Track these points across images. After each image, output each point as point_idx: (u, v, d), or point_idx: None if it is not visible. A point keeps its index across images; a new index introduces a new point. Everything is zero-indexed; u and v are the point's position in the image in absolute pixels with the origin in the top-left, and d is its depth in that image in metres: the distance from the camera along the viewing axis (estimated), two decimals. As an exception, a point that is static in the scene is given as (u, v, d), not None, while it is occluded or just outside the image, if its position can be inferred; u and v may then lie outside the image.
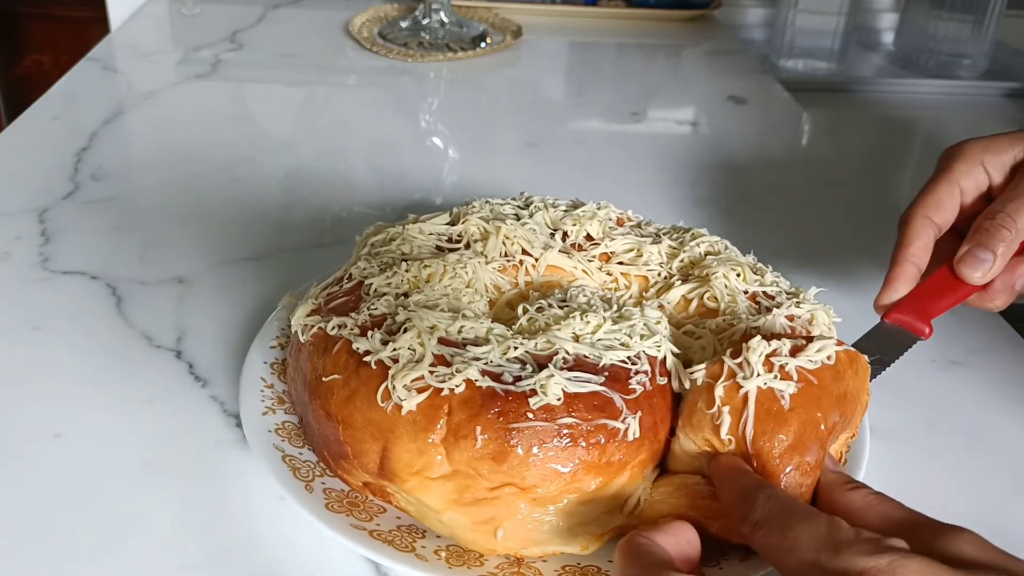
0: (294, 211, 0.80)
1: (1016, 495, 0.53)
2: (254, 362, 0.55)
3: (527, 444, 0.42)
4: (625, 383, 0.44)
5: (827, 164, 0.97)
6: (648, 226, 0.61)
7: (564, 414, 0.42)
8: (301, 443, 0.49)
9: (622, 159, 0.96)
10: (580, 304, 0.50)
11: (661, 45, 1.32)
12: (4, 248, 0.71)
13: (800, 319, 0.51)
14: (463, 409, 0.43)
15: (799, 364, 0.43)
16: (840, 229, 0.83)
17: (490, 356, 0.44)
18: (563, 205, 0.61)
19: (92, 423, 0.54)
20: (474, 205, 0.59)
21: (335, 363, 0.46)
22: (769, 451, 0.42)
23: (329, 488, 0.47)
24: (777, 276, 0.55)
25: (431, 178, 0.89)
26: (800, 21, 1.35)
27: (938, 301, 0.53)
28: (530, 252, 0.56)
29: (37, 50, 1.98)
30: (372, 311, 0.48)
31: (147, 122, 0.96)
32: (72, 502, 0.49)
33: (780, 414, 0.42)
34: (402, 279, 0.51)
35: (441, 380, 0.43)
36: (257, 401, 0.52)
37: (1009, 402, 0.60)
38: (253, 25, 1.24)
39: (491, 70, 1.17)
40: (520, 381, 0.43)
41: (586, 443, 0.43)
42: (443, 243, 0.56)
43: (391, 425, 0.43)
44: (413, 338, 0.45)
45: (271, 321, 0.58)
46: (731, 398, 0.42)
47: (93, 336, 0.62)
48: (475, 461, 0.42)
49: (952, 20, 1.33)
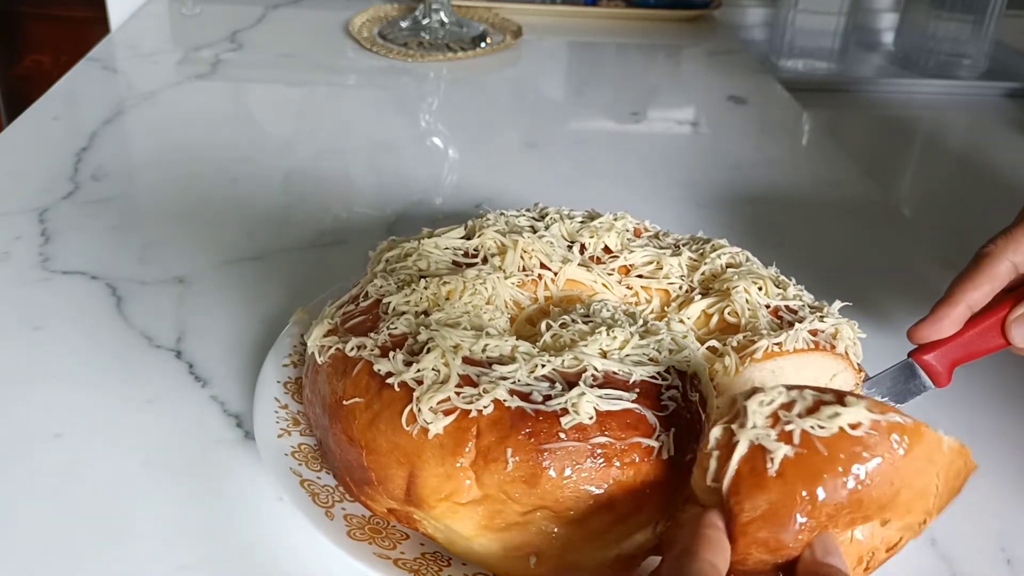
0: (294, 211, 0.80)
1: (1016, 493, 0.53)
2: (267, 382, 0.53)
3: (560, 465, 0.41)
4: (656, 399, 0.43)
5: (827, 164, 0.97)
6: (667, 237, 0.60)
7: (597, 433, 0.41)
8: (319, 466, 0.48)
9: (622, 159, 0.96)
10: (604, 319, 0.49)
11: (661, 45, 1.32)
12: (4, 248, 0.71)
13: (824, 334, 0.50)
14: (492, 431, 0.41)
15: (805, 427, 0.37)
16: (840, 229, 0.83)
17: (517, 375, 0.43)
18: (579, 216, 0.59)
19: (92, 423, 0.54)
20: (488, 218, 0.57)
21: (356, 386, 0.45)
22: (739, 513, 0.37)
23: (350, 514, 0.46)
24: (800, 289, 0.54)
25: (431, 178, 0.89)
26: (800, 21, 1.35)
27: (970, 351, 0.50)
28: (548, 266, 0.54)
29: (37, 50, 1.98)
30: (392, 331, 0.47)
31: (147, 122, 0.96)
32: (72, 502, 0.49)
33: (762, 477, 0.37)
34: (421, 297, 0.49)
35: (468, 401, 0.42)
36: (272, 422, 0.50)
37: (1007, 400, 0.60)
38: (253, 25, 1.24)
39: (491, 70, 1.17)
40: (550, 400, 0.42)
41: (620, 462, 0.41)
42: (459, 258, 0.54)
43: (417, 449, 0.42)
44: (437, 358, 0.43)
45: (283, 337, 0.57)
46: (724, 444, 0.38)
47: (93, 336, 0.62)
48: (506, 484, 0.41)
49: (952, 20, 1.33)
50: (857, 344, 0.51)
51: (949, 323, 0.49)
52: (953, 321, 0.49)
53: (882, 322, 0.66)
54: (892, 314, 0.68)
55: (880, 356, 0.54)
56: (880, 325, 0.65)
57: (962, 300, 0.49)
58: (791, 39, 1.36)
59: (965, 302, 0.49)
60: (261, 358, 0.57)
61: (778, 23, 1.39)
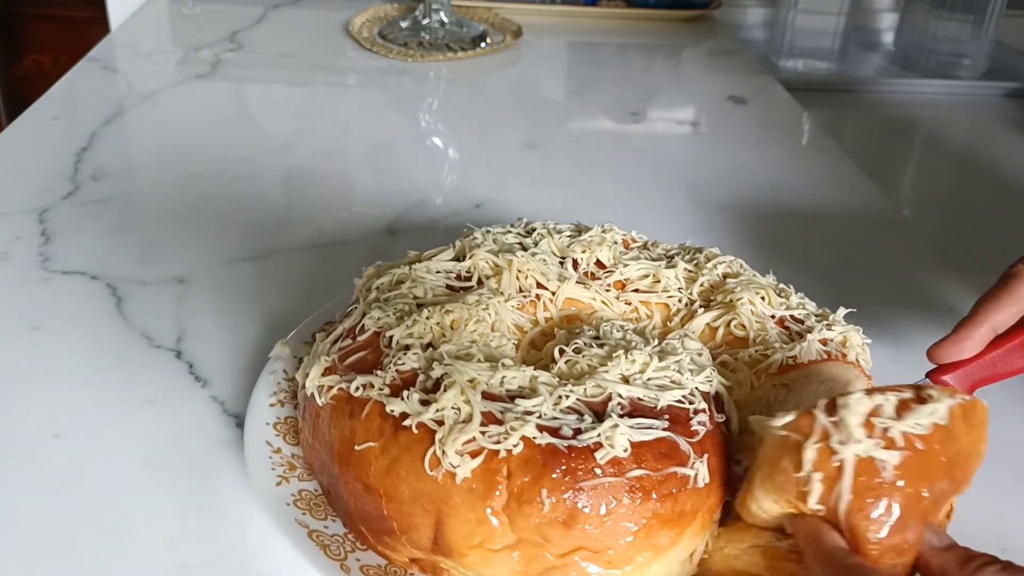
0: (294, 211, 0.80)
1: (1017, 493, 0.53)
2: (255, 428, 0.50)
3: (597, 503, 0.39)
4: (687, 425, 0.42)
5: (827, 164, 0.97)
6: (655, 247, 0.58)
7: (633, 466, 0.40)
8: (323, 514, 0.46)
9: (622, 159, 0.96)
10: (618, 341, 0.47)
11: (661, 45, 1.32)
12: (4, 248, 0.71)
13: (833, 342, 0.49)
14: (524, 471, 0.39)
15: (905, 429, 0.37)
16: (840, 229, 0.82)
17: (542, 408, 0.41)
18: (567, 230, 0.57)
19: (92, 423, 0.54)
20: (476, 237, 0.55)
21: (367, 429, 0.42)
22: (865, 529, 0.37)
23: (365, 565, 0.43)
24: (801, 297, 0.53)
25: (431, 178, 0.89)
26: (800, 21, 1.35)
27: (992, 373, 0.48)
28: (545, 285, 0.52)
29: (37, 50, 1.98)
30: (400, 367, 0.44)
31: (147, 122, 0.96)
32: (72, 502, 0.49)
33: (881, 488, 0.37)
34: (424, 327, 0.47)
35: (495, 441, 0.40)
36: (267, 470, 0.47)
37: (1007, 400, 0.60)
38: (253, 25, 1.24)
39: (491, 70, 1.17)
40: (581, 434, 0.40)
41: (658, 495, 0.40)
42: (453, 281, 0.52)
43: (444, 495, 0.40)
44: (456, 396, 0.41)
45: (265, 374, 0.54)
46: (823, 464, 0.37)
47: (93, 336, 0.62)
48: (543, 527, 0.39)
49: (952, 20, 1.33)
50: (866, 350, 0.51)
51: (972, 344, 0.48)
52: (976, 342, 0.48)
53: (883, 326, 0.66)
54: (893, 317, 0.68)
55: (880, 355, 0.54)
56: (881, 329, 0.65)
57: (986, 321, 0.48)
58: (791, 39, 1.36)
59: (989, 323, 0.48)
60: (261, 358, 0.57)
61: (778, 23, 1.39)
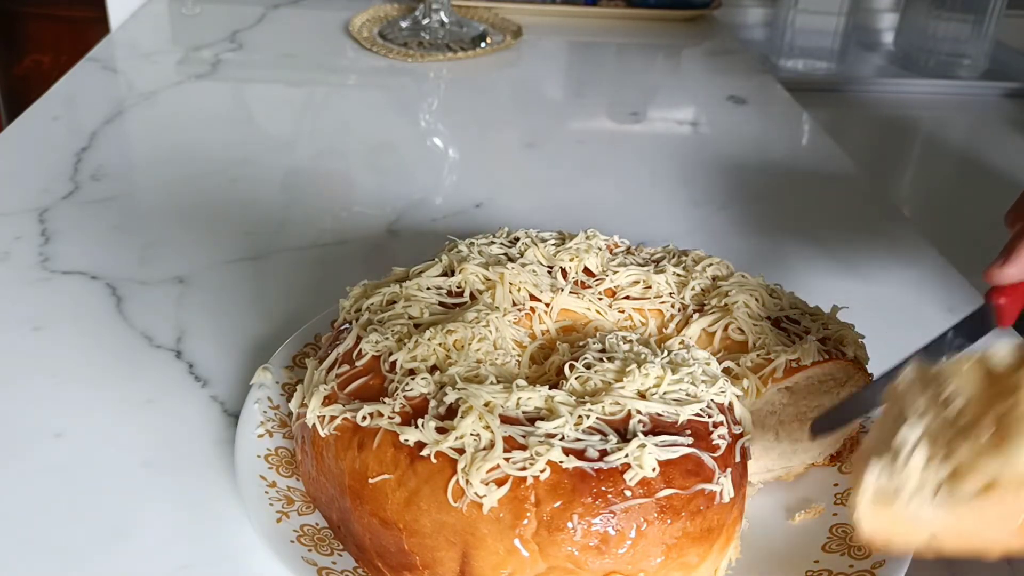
0: (294, 211, 0.80)
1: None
2: (246, 463, 0.48)
3: (628, 525, 0.38)
4: (708, 439, 0.41)
5: (827, 164, 0.97)
6: (639, 251, 0.58)
7: (662, 485, 0.39)
8: (329, 549, 0.44)
9: (622, 159, 0.96)
10: (626, 353, 0.45)
11: (661, 45, 1.32)
12: (4, 248, 0.71)
13: (831, 341, 0.49)
14: (552, 496, 0.38)
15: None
16: (840, 229, 0.83)
17: (564, 430, 0.40)
18: (551, 239, 0.56)
19: (92, 423, 0.54)
20: (462, 250, 0.54)
21: (380, 461, 0.41)
22: None
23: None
24: (793, 296, 0.53)
25: (431, 178, 0.89)
26: (800, 21, 1.35)
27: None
28: (538, 297, 0.51)
29: (37, 50, 1.98)
30: (407, 393, 0.42)
31: (147, 122, 0.96)
32: (72, 502, 0.49)
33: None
34: (428, 349, 0.45)
35: (521, 467, 0.38)
36: (265, 506, 0.46)
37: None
38: (253, 25, 1.24)
39: (491, 70, 1.17)
40: (607, 456, 0.39)
41: (687, 513, 0.39)
42: (445, 298, 0.50)
43: (470, 526, 0.38)
44: (475, 421, 0.40)
45: (249, 404, 0.52)
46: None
47: (93, 336, 0.62)
48: (574, 554, 0.38)
49: (952, 20, 1.33)
50: (863, 347, 0.51)
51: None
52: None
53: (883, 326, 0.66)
54: (893, 316, 0.68)
55: (879, 354, 0.54)
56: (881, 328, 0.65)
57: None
58: (791, 39, 1.36)
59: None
60: (261, 358, 0.57)
61: (778, 23, 1.39)
